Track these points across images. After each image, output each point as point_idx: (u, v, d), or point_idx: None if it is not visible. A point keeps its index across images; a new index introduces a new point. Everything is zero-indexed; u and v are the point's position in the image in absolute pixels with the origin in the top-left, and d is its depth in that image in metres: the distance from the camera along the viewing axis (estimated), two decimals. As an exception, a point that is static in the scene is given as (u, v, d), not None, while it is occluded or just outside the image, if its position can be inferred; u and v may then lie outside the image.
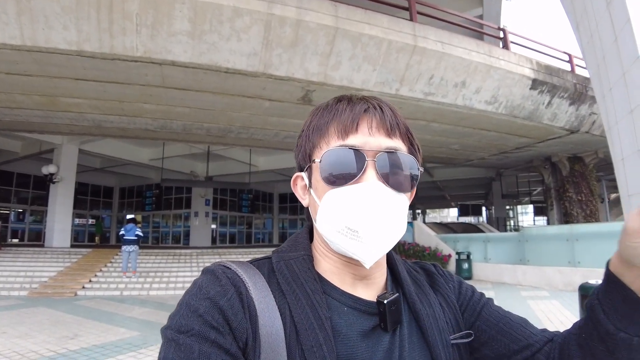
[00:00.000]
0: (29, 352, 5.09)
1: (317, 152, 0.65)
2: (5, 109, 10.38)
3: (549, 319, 6.90)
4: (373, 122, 0.64)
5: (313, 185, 0.66)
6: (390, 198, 0.61)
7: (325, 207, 0.62)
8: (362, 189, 0.60)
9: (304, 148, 0.68)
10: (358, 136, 0.63)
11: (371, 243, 0.59)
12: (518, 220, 37.99)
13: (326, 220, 0.62)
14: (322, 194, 0.63)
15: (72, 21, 6.86)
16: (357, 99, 0.67)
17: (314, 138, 0.66)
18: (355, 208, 0.59)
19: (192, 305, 0.56)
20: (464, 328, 0.72)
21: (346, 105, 0.65)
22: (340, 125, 0.63)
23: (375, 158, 0.61)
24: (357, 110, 0.64)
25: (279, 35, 7.75)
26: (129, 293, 10.32)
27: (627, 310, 0.56)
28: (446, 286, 0.76)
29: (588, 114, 11.99)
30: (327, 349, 0.56)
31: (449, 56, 9.16)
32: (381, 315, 0.62)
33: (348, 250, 0.60)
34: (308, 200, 0.69)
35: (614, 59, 3.67)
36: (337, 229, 0.60)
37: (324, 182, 0.63)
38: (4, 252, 13.22)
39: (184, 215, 24.17)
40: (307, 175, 0.68)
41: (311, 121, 0.68)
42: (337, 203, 0.60)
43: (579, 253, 10.46)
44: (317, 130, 0.66)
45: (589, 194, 15.36)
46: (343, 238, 0.60)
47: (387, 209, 0.60)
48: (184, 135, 12.93)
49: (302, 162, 0.69)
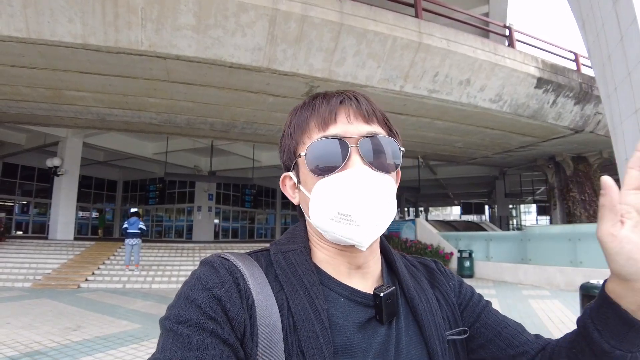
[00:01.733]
0: (33, 342, 5.14)
1: (301, 148, 0.67)
2: (11, 102, 10.42)
3: (549, 318, 6.90)
4: (350, 111, 0.66)
5: (302, 180, 0.68)
6: (378, 180, 0.62)
7: (316, 198, 0.63)
8: (350, 174, 0.61)
9: (287, 147, 0.70)
10: (338, 126, 0.64)
11: (364, 225, 0.60)
12: (521, 220, 37.92)
13: (318, 211, 0.63)
14: (311, 186, 0.64)
15: (78, 14, 6.87)
16: (332, 93, 0.69)
17: (296, 135, 0.68)
18: (345, 193, 0.60)
19: (190, 296, 0.57)
20: (461, 326, 0.72)
21: (322, 99, 0.68)
22: (319, 118, 0.65)
23: (357, 144, 0.63)
24: (334, 103, 0.66)
25: (284, 31, 7.74)
26: (132, 286, 10.38)
27: (621, 330, 0.56)
28: (446, 284, 0.77)
29: (593, 113, 11.94)
30: (324, 339, 0.57)
31: (454, 54, 9.13)
32: (377, 308, 0.63)
33: (343, 236, 0.61)
34: (298, 197, 0.71)
35: (619, 58, 3.65)
36: (330, 217, 0.61)
37: (312, 174, 0.64)
38: (8, 244, 13.31)
39: (187, 210, 24.22)
40: (295, 173, 0.70)
41: (291, 120, 0.70)
42: (328, 191, 0.62)
43: (581, 253, 10.44)
44: (298, 127, 0.68)
45: (592, 194, 15.30)
46: (337, 225, 0.61)
47: (375, 191, 0.61)
48: (187, 129, 12.95)
49: (288, 161, 0.70)
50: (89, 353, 4.76)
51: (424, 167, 20.58)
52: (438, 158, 17.82)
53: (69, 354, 4.72)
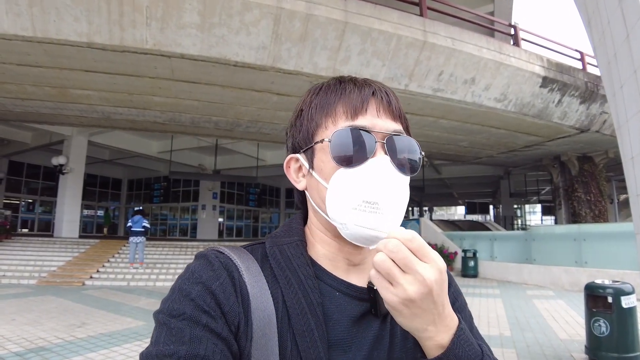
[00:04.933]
0: (38, 339, 5.17)
1: (321, 131, 0.64)
2: (17, 100, 10.49)
3: (554, 319, 6.87)
4: (381, 106, 0.64)
5: (316, 166, 0.64)
6: (399, 177, 0.61)
7: (336, 187, 0.60)
8: (378, 164, 0.60)
9: (305, 128, 0.66)
10: (367, 117, 0.62)
11: (390, 214, 0.58)
12: (525, 220, 37.76)
13: (339, 199, 0.60)
14: (329, 175, 0.62)
15: (83, 13, 6.90)
16: (361, 80, 0.67)
17: (318, 117, 0.65)
18: (372, 182, 0.59)
19: (184, 290, 0.56)
20: None
21: (352, 85, 0.65)
22: (349, 105, 0.63)
23: (384, 140, 0.62)
24: (366, 92, 0.64)
25: (288, 29, 7.74)
26: (136, 284, 10.42)
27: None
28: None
29: (599, 113, 11.87)
30: (319, 333, 0.57)
31: (459, 52, 9.10)
32: (372, 301, 0.62)
33: (366, 225, 0.58)
34: (305, 182, 0.67)
35: (625, 56, 3.62)
36: (352, 206, 0.58)
37: (334, 162, 0.61)
38: (14, 242, 13.41)
39: (192, 208, 24.31)
40: (307, 156, 0.66)
41: (311, 100, 0.67)
42: (352, 180, 0.59)
43: (586, 253, 10.38)
44: (321, 109, 0.65)
45: (598, 194, 15.21)
46: (361, 213, 0.58)
47: (398, 185, 0.60)
48: (192, 128, 12.99)
49: (302, 143, 0.67)
50: (93, 349, 4.78)
51: (429, 166, 20.52)
52: (443, 157, 17.77)
53: (74, 350, 4.74)
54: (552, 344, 5.31)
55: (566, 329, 6.14)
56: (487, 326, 6.31)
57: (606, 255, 9.91)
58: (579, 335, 5.67)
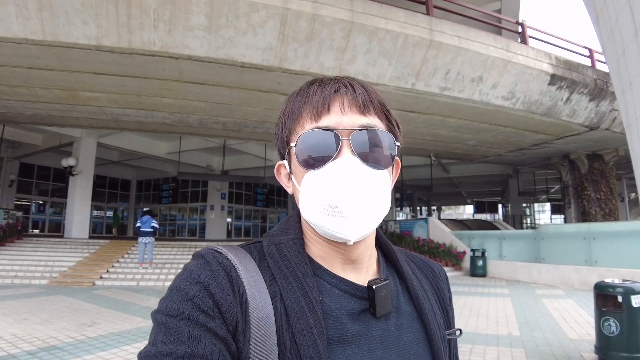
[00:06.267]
0: (49, 338, 5.24)
1: (293, 137, 0.65)
2: (27, 103, 10.63)
3: (563, 318, 6.82)
4: (345, 101, 0.63)
5: (293, 171, 0.66)
6: (368, 174, 0.60)
7: (305, 190, 0.62)
8: (337, 165, 0.59)
9: (281, 135, 0.68)
10: (331, 117, 0.62)
11: (351, 217, 0.58)
12: (535, 218, 37.46)
13: (308, 203, 0.61)
14: (300, 178, 0.63)
15: (92, 16, 6.98)
16: (328, 79, 0.67)
17: (290, 124, 0.66)
18: (332, 184, 0.59)
19: (182, 289, 0.56)
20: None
21: (317, 87, 0.65)
22: (312, 107, 0.63)
23: (349, 137, 0.61)
24: (328, 91, 0.63)
25: (295, 30, 7.76)
26: (145, 284, 10.50)
27: None
28: (444, 293, 0.77)
29: (608, 110, 11.74)
30: (318, 331, 0.56)
31: (465, 51, 9.06)
32: (370, 300, 0.62)
33: (331, 229, 0.59)
34: (291, 187, 0.69)
35: (634, 53, 3.60)
36: (318, 210, 0.60)
37: (300, 165, 0.62)
38: (25, 243, 13.57)
39: (200, 209, 24.45)
40: (288, 162, 0.67)
41: (286, 107, 0.68)
42: (315, 183, 0.60)
43: (597, 252, 10.29)
44: (291, 115, 0.66)
45: (608, 192, 15.06)
46: (325, 217, 0.59)
47: (364, 183, 0.59)
48: (200, 129, 13.06)
49: (282, 150, 0.69)
50: (103, 348, 4.83)
51: (437, 165, 20.45)
52: (450, 156, 17.70)
53: (85, 349, 4.80)
54: (562, 344, 5.27)
55: (576, 329, 6.09)
56: (496, 326, 6.28)
57: (616, 254, 9.81)
58: (588, 334, 5.63)
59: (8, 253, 12.05)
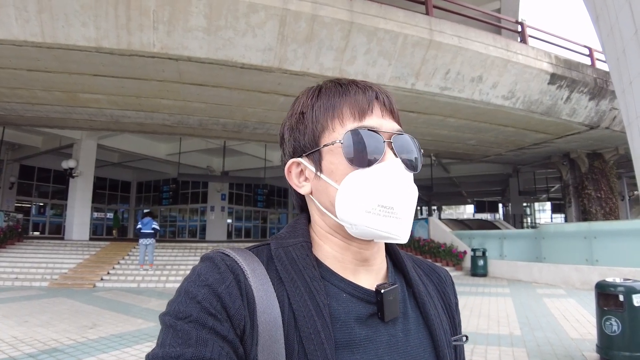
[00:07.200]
0: (50, 340, 5.23)
1: (328, 133, 0.64)
2: (27, 105, 10.63)
3: (565, 318, 6.82)
4: (384, 107, 0.65)
5: (325, 168, 0.64)
6: (409, 177, 0.63)
7: (349, 189, 0.60)
8: (391, 167, 0.61)
9: (310, 130, 0.65)
10: (374, 118, 0.63)
11: (405, 218, 0.60)
12: (535, 218, 37.45)
13: (351, 202, 0.60)
14: (341, 177, 0.62)
15: (91, 18, 6.98)
16: (360, 82, 0.67)
17: (324, 119, 0.65)
18: (388, 185, 0.60)
19: (190, 292, 0.56)
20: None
21: (355, 87, 0.66)
22: (356, 106, 0.64)
23: (391, 139, 0.63)
24: (370, 94, 0.65)
25: (294, 30, 7.76)
26: (146, 285, 10.50)
27: None
28: (450, 298, 0.77)
29: (608, 109, 11.74)
30: (325, 335, 0.56)
31: (465, 50, 9.06)
32: (378, 305, 0.62)
33: (380, 229, 0.59)
34: (309, 187, 0.67)
35: (634, 52, 3.59)
36: (366, 209, 0.59)
37: (347, 163, 0.61)
38: (26, 245, 13.58)
39: (200, 210, 24.45)
40: (313, 159, 0.65)
41: (313, 103, 0.66)
42: (366, 183, 0.60)
43: (597, 251, 10.28)
44: (326, 111, 0.65)
45: (608, 191, 15.05)
46: (375, 217, 0.59)
47: (411, 186, 0.62)
48: (200, 130, 13.06)
49: (306, 146, 0.66)
50: (105, 350, 4.83)
51: (437, 165, 20.45)
52: (451, 156, 17.69)
53: (86, 351, 4.80)
54: (563, 343, 5.27)
55: (577, 328, 6.08)
56: (497, 325, 6.27)
57: (617, 253, 9.81)
58: (590, 334, 5.62)
59: (8, 255, 12.05)
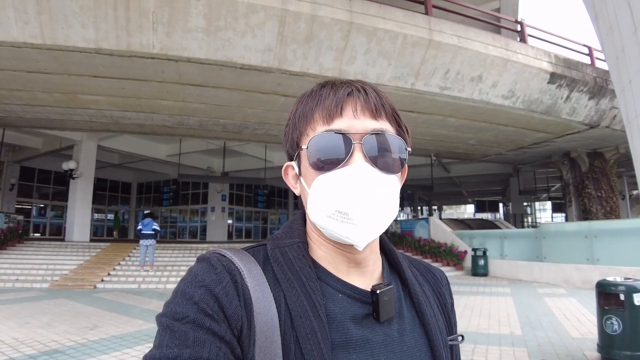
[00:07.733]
0: (51, 341, 5.23)
1: (304, 139, 0.65)
2: (27, 107, 10.64)
3: (565, 317, 6.81)
4: (357, 105, 0.63)
5: (302, 173, 0.66)
6: (378, 179, 0.61)
7: (314, 193, 0.62)
8: (349, 171, 0.60)
9: (291, 136, 0.68)
10: (343, 120, 0.62)
11: (362, 224, 0.59)
12: (536, 217, 37.43)
13: (316, 206, 0.61)
14: (311, 181, 0.63)
15: (90, 19, 6.98)
16: (340, 82, 0.67)
17: (300, 125, 0.66)
18: (343, 190, 0.59)
19: (187, 293, 0.56)
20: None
21: (329, 89, 0.65)
22: (324, 110, 0.63)
23: (361, 141, 0.61)
24: (341, 94, 0.63)
25: (294, 31, 7.76)
26: (147, 286, 10.49)
27: None
28: (446, 298, 0.77)
29: (608, 108, 11.74)
30: (322, 335, 0.56)
31: (465, 50, 9.06)
32: (374, 305, 0.62)
33: (340, 234, 0.60)
34: (299, 188, 0.69)
35: (633, 50, 3.59)
36: (327, 214, 0.60)
37: (311, 168, 0.62)
38: (27, 246, 13.57)
39: (201, 211, 24.44)
40: (297, 163, 0.67)
41: (297, 109, 0.68)
42: (326, 188, 0.60)
43: (598, 250, 10.27)
44: (302, 117, 0.66)
45: (609, 190, 15.05)
46: (334, 222, 0.59)
47: (375, 190, 0.60)
48: (200, 131, 13.07)
49: (291, 151, 0.68)
50: (105, 352, 4.83)
51: (437, 165, 20.43)
52: (451, 156, 17.69)
53: (87, 352, 4.79)
54: (564, 343, 5.26)
55: (578, 327, 6.08)
56: (498, 325, 6.27)
57: (618, 252, 9.80)
58: (591, 333, 5.61)
59: (9, 257, 12.05)
